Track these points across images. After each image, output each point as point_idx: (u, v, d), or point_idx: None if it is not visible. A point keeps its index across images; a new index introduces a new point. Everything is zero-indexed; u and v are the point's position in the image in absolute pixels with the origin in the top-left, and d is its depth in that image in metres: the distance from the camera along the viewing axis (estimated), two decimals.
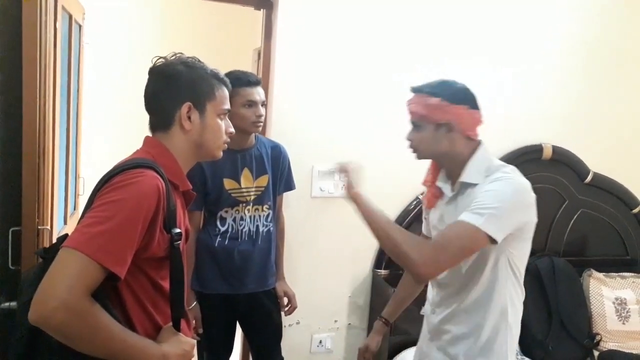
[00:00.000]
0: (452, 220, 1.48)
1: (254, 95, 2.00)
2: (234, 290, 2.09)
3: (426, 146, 1.50)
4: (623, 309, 2.69)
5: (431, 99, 1.45)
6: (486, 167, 1.48)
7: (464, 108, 1.45)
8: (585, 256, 2.91)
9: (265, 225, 2.12)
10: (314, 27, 2.37)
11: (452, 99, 1.45)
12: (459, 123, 1.45)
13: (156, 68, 1.24)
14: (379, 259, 2.61)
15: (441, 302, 1.59)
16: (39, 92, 1.71)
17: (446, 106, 1.44)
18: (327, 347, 2.62)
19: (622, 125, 2.95)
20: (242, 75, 2.02)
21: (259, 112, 2.00)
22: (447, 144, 1.48)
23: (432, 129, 1.47)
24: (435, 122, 1.46)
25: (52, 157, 1.87)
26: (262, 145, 2.14)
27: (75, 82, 2.41)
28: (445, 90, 1.46)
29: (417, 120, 1.49)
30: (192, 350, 1.18)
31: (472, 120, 1.48)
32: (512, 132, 2.73)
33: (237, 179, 2.05)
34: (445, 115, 1.45)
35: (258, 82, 2.04)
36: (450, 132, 1.46)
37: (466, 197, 1.49)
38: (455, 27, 2.57)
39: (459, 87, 1.49)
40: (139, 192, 1.06)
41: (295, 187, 2.27)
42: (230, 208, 2.06)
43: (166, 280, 1.16)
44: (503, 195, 1.36)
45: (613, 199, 2.93)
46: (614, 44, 2.87)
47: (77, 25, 2.37)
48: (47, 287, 0.95)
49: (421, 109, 1.47)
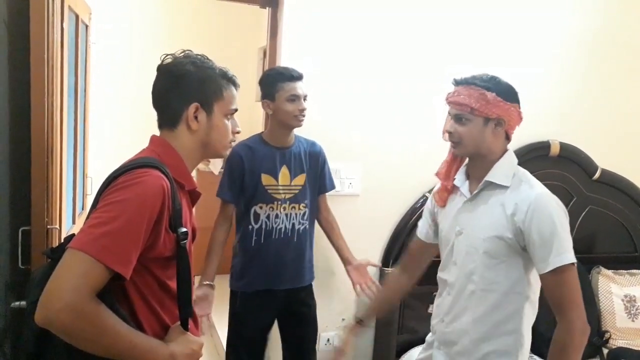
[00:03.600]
0: (468, 223, 1.49)
1: (296, 90, 2.01)
2: (270, 285, 2.09)
3: (472, 140, 1.46)
4: (632, 306, 2.67)
5: (487, 93, 1.42)
6: (514, 172, 1.48)
7: (515, 106, 1.45)
8: (594, 253, 2.89)
9: (301, 224, 2.12)
10: (319, 25, 2.37)
11: (506, 96, 1.44)
12: (508, 120, 1.45)
13: (164, 66, 1.24)
14: (386, 258, 2.60)
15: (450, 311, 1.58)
16: (47, 92, 1.72)
17: (501, 102, 1.43)
18: (335, 345, 2.61)
19: (630, 121, 2.92)
20: (284, 70, 2.05)
21: (301, 106, 2.02)
22: (491, 140, 1.46)
23: (481, 123, 1.44)
24: (486, 116, 1.43)
25: (60, 156, 1.88)
26: (300, 144, 2.15)
27: (82, 82, 2.42)
28: (498, 86, 1.44)
29: (466, 113, 1.45)
30: (200, 349, 1.18)
31: (518, 119, 1.48)
32: (520, 129, 2.66)
33: (275, 176, 2.06)
34: (498, 110, 1.43)
35: (300, 76, 2.04)
36: (497, 127, 1.45)
37: (487, 198, 1.48)
38: (462, 24, 2.55)
39: (509, 85, 1.48)
40: (143, 192, 1.06)
41: (335, 186, 2.27)
42: (264, 204, 2.06)
43: (173, 280, 1.16)
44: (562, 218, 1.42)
45: (621, 196, 2.91)
46: (621, 39, 2.84)
47: (83, 25, 2.38)
48: (53, 289, 0.95)
49: (474, 102, 1.43)
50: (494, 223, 1.44)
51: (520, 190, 1.43)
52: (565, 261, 1.35)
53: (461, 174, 1.57)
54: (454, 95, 1.49)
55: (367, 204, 2.53)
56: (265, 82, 2.06)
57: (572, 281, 1.36)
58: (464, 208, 1.53)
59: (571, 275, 1.36)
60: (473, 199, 1.51)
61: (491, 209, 1.46)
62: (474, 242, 1.48)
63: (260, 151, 2.07)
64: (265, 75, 2.08)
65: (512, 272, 1.45)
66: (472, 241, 1.48)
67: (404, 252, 2.56)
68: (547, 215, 1.38)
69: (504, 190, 1.45)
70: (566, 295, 1.35)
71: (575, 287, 1.36)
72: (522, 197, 1.41)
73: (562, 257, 1.35)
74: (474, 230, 1.49)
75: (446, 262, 1.60)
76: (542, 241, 1.36)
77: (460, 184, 1.56)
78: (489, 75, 1.47)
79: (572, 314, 1.35)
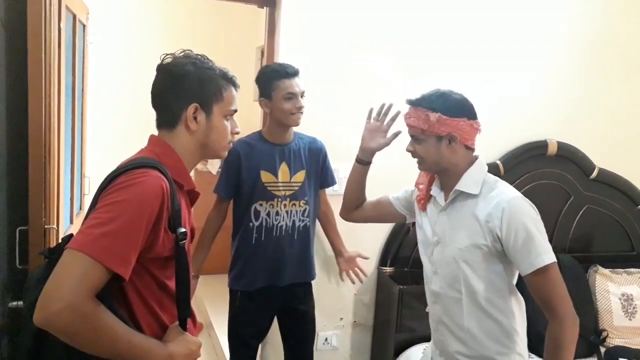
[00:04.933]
0: (445, 233, 1.53)
1: (293, 87, 2.00)
2: (270, 283, 2.09)
3: (430, 157, 1.51)
4: (629, 304, 2.67)
5: (431, 114, 1.46)
6: (483, 180, 1.51)
7: (463, 120, 1.47)
8: (591, 252, 2.90)
9: (302, 220, 2.12)
10: (316, 25, 2.37)
11: (451, 113, 1.47)
12: (460, 134, 1.47)
13: (164, 66, 1.23)
14: (384, 257, 2.60)
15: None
16: (44, 92, 1.72)
17: (447, 120, 1.46)
18: (333, 344, 2.62)
19: (627, 121, 2.93)
20: (279, 67, 2.03)
21: (298, 104, 2.01)
22: (449, 155, 1.50)
23: (434, 141, 1.49)
24: (436, 134, 1.48)
25: (58, 156, 1.88)
26: (300, 140, 2.14)
27: (80, 82, 2.42)
28: (444, 104, 1.48)
29: (418, 134, 1.51)
30: (198, 349, 1.18)
31: (472, 131, 1.50)
32: (517, 128, 2.72)
33: (275, 173, 2.06)
34: (446, 128, 1.46)
35: (296, 72, 2.02)
36: (451, 143, 1.48)
37: (460, 208, 1.51)
38: (459, 24, 2.56)
39: (457, 100, 1.50)
40: (142, 192, 1.06)
41: (336, 182, 2.28)
42: (264, 202, 2.05)
43: (172, 280, 1.16)
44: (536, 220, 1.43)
45: (619, 195, 2.92)
46: (619, 39, 2.85)
47: (81, 25, 2.37)
48: (52, 289, 0.95)
49: (421, 124, 1.48)
50: (470, 232, 1.47)
51: (492, 196, 1.46)
52: (547, 261, 1.38)
53: (437, 183, 1.61)
54: (406, 117, 1.55)
55: None
56: (261, 80, 2.05)
57: (555, 278, 1.39)
58: (439, 218, 1.57)
59: (553, 272, 1.39)
60: (446, 208, 1.55)
61: (465, 219, 1.49)
62: (452, 252, 1.51)
63: (259, 148, 2.07)
64: (261, 74, 2.07)
65: (494, 277, 1.47)
66: (450, 251, 1.52)
67: (401, 250, 2.58)
68: (521, 218, 1.40)
69: (475, 199, 1.48)
70: (552, 292, 1.39)
71: (559, 282, 1.39)
72: (495, 203, 1.43)
73: (542, 257, 1.38)
74: (450, 241, 1.52)
75: (428, 272, 1.63)
76: (520, 245, 1.39)
77: (436, 194, 1.60)
78: (438, 94, 1.50)
79: (561, 308, 1.38)
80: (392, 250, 2.58)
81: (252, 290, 2.10)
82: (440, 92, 1.51)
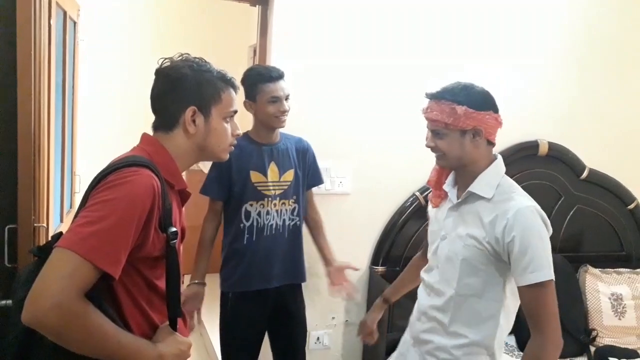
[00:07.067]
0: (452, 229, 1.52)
1: (277, 91, 1.98)
2: (262, 283, 2.08)
3: (454, 153, 1.47)
4: (619, 304, 2.69)
5: (457, 107, 1.42)
6: (498, 183, 1.47)
7: (489, 113, 1.44)
8: (581, 252, 2.92)
9: (291, 219, 2.12)
10: (309, 23, 2.36)
11: (477, 106, 1.43)
12: (485, 129, 1.44)
13: (162, 70, 1.23)
14: (376, 256, 2.61)
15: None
16: (34, 89, 1.70)
17: (473, 113, 1.42)
18: (325, 343, 2.62)
19: (618, 122, 2.95)
20: (264, 70, 2.01)
21: (282, 108, 1.99)
22: (472, 150, 1.46)
23: (458, 136, 1.45)
24: (461, 128, 1.43)
25: (48, 154, 1.86)
26: (287, 140, 2.14)
27: (70, 79, 2.40)
28: (469, 97, 1.43)
29: (441, 128, 1.46)
30: (188, 350, 1.17)
31: (496, 124, 1.47)
32: (508, 129, 2.65)
33: (264, 172, 2.05)
34: (472, 122, 1.42)
35: (280, 76, 2.00)
36: (475, 137, 1.45)
37: (471, 209, 1.49)
38: (451, 23, 2.56)
39: (482, 92, 1.47)
40: (133, 191, 1.05)
41: (323, 181, 2.27)
42: (255, 202, 2.05)
43: (161, 280, 1.16)
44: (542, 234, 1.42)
45: (609, 195, 2.94)
46: (611, 41, 2.87)
47: (71, 22, 2.35)
48: (40, 288, 0.94)
49: (446, 117, 1.43)
50: (474, 232, 1.46)
51: (503, 202, 1.44)
52: (542, 278, 1.35)
53: (451, 179, 1.59)
54: (427, 111, 1.50)
55: (357, 203, 2.53)
56: (246, 83, 2.03)
57: (548, 297, 1.36)
58: (449, 214, 1.56)
59: (548, 291, 1.36)
60: (457, 207, 1.53)
61: (473, 219, 1.48)
62: (454, 248, 1.50)
63: (248, 149, 2.06)
64: (246, 76, 2.04)
65: (490, 280, 1.46)
66: (454, 247, 1.51)
67: (393, 249, 2.58)
68: (526, 229, 1.38)
69: (486, 202, 1.46)
70: (542, 310, 1.36)
71: (552, 302, 1.36)
72: (504, 209, 1.41)
73: (539, 273, 1.35)
74: (456, 237, 1.51)
75: (430, 264, 1.63)
76: (521, 254, 1.37)
77: (449, 189, 1.58)
78: (460, 86, 1.46)
79: (548, 328, 1.35)
80: (384, 249, 2.58)
81: (243, 291, 2.09)
82: (463, 85, 1.46)
